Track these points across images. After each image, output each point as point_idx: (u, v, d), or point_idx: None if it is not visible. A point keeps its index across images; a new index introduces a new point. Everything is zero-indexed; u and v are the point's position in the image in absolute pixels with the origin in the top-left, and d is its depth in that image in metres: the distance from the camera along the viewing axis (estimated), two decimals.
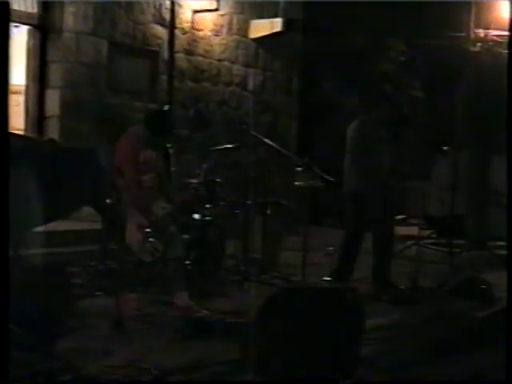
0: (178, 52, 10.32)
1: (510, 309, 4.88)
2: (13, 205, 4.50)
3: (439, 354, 5.75)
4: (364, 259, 7.61)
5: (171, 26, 10.15)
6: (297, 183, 7.30)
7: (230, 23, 11.10)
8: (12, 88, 9.01)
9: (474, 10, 11.05)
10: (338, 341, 4.70)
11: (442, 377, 5.22)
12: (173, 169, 7.24)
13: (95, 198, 6.19)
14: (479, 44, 11.15)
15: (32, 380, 4.24)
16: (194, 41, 10.55)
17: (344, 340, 4.76)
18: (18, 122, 8.88)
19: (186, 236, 7.00)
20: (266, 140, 7.14)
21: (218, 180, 7.73)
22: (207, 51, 10.79)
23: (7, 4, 3.57)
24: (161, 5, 10.04)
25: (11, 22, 8.56)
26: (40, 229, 5.77)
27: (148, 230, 6.05)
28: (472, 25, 11.09)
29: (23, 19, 8.77)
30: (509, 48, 9.09)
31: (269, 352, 4.64)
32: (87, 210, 6.67)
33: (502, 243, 8.63)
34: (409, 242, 9.38)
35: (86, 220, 7.39)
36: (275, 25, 11.19)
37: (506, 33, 10.50)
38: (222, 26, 10.96)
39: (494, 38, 11.06)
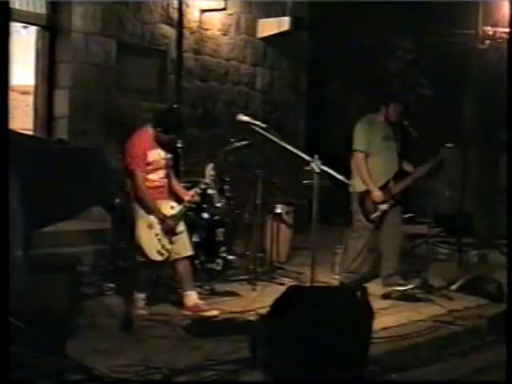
0: (185, 51, 10.32)
1: (510, 309, 4.88)
2: (22, 205, 4.53)
3: (447, 352, 5.76)
4: (372, 258, 7.62)
5: (179, 25, 10.16)
6: (305, 182, 7.31)
7: (238, 22, 11.11)
8: (21, 88, 9.06)
9: (482, 8, 11.03)
10: (347, 339, 4.71)
11: (449, 375, 5.24)
12: (181, 168, 7.25)
13: (104, 198, 6.22)
14: (487, 41, 11.13)
15: (43, 379, 4.26)
16: (201, 40, 10.55)
17: (353, 338, 4.77)
18: (26, 122, 8.90)
19: (194, 235, 7.03)
20: (274, 138, 7.14)
21: (226, 179, 7.75)
22: (215, 50, 10.79)
23: (7, 4, 3.60)
24: (168, 4, 10.04)
25: (20, 23, 8.62)
26: (49, 228, 5.79)
27: (157, 229, 6.08)
28: (480, 22, 11.07)
29: (32, 20, 8.79)
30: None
31: (278, 351, 4.65)
32: (96, 210, 6.69)
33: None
34: (418, 241, 9.37)
35: (95, 220, 7.41)
36: (283, 24, 11.19)
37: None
38: (229, 25, 10.96)
39: (503, 35, 11.03)
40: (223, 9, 10.54)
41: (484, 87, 11.40)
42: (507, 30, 10.88)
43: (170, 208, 6.17)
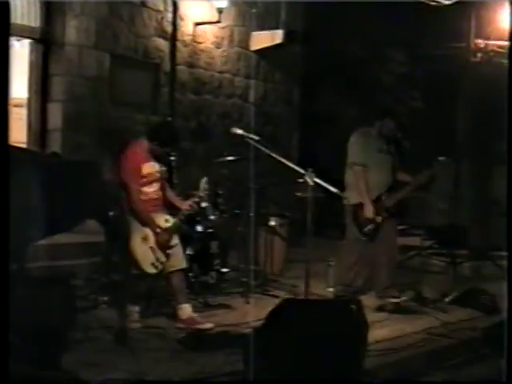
0: (179, 64, 10.35)
1: (511, 308, 4.87)
2: (16, 218, 4.53)
3: (441, 364, 5.76)
4: (366, 270, 7.61)
5: (173, 38, 10.19)
6: (299, 194, 7.32)
7: (232, 35, 11.14)
8: (14, 101, 9.05)
9: (474, 21, 11.09)
10: (341, 352, 4.71)
11: None
12: (175, 181, 7.26)
13: (98, 211, 6.22)
14: (479, 54, 11.18)
15: None
16: (195, 53, 10.58)
17: (348, 351, 4.77)
18: (20, 135, 8.89)
19: (188, 248, 7.03)
20: (268, 151, 7.15)
21: (220, 192, 7.76)
22: (209, 63, 10.82)
23: (8, 4, 3.61)
24: (162, 18, 10.07)
25: (14, 36, 8.62)
26: (43, 242, 5.78)
27: (151, 242, 6.08)
28: (472, 35, 11.13)
29: (26, 33, 8.80)
30: (509, 56, 9.10)
31: (272, 364, 4.64)
32: (90, 223, 6.69)
33: (503, 253, 8.62)
34: (411, 253, 9.38)
35: (89, 233, 7.40)
36: (276, 36, 11.23)
37: (506, 43, 10.53)
38: (223, 38, 11.00)
39: (494, 48, 11.09)
40: (217, 22, 10.57)
41: (476, 99, 11.44)
42: (499, 42, 10.95)
43: (164, 221, 6.18)
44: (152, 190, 6.19)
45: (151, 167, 6.18)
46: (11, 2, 3.66)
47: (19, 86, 8.89)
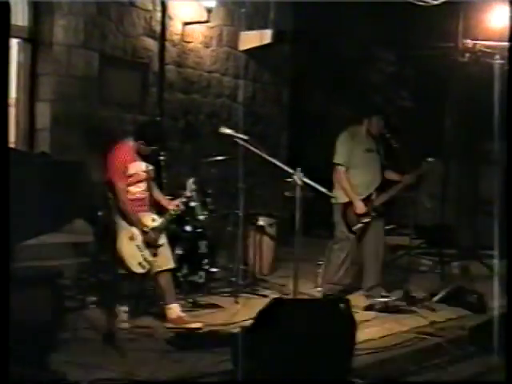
0: (168, 64, 10.33)
1: (511, 307, 4.88)
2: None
3: (429, 363, 5.78)
4: (355, 270, 7.63)
5: (161, 38, 10.17)
6: (287, 194, 7.32)
7: (220, 35, 11.14)
8: None
9: (462, 21, 11.12)
10: (330, 351, 4.72)
11: None
12: (164, 180, 7.25)
13: (87, 211, 6.21)
14: (467, 54, 11.22)
15: None
16: (184, 53, 10.56)
17: (336, 350, 4.78)
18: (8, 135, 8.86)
19: (177, 248, 7.03)
20: (257, 151, 7.15)
21: (209, 191, 7.76)
22: (197, 63, 10.81)
23: (8, 4, 3.61)
24: (151, 17, 10.05)
25: None
26: (31, 241, 5.76)
27: (139, 241, 6.07)
28: (460, 35, 11.16)
29: (13, 32, 8.74)
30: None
31: (261, 364, 4.65)
32: (78, 223, 6.67)
33: (491, 252, 8.65)
34: (399, 252, 9.41)
35: (77, 232, 7.38)
36: (265, 36, 11.23)
37: (494, 43, 10.57)
38: (212, 37, 10.99)
39: (482, 48, 11.12)
40: (206, 21, 10.56)
41: (464, 99, 11.49)
42: (487, 43, 10.99)
43: (151, 220, 6.18)
44: (139, 189, 6.19)
45: (138, 167, 6.18)
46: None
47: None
